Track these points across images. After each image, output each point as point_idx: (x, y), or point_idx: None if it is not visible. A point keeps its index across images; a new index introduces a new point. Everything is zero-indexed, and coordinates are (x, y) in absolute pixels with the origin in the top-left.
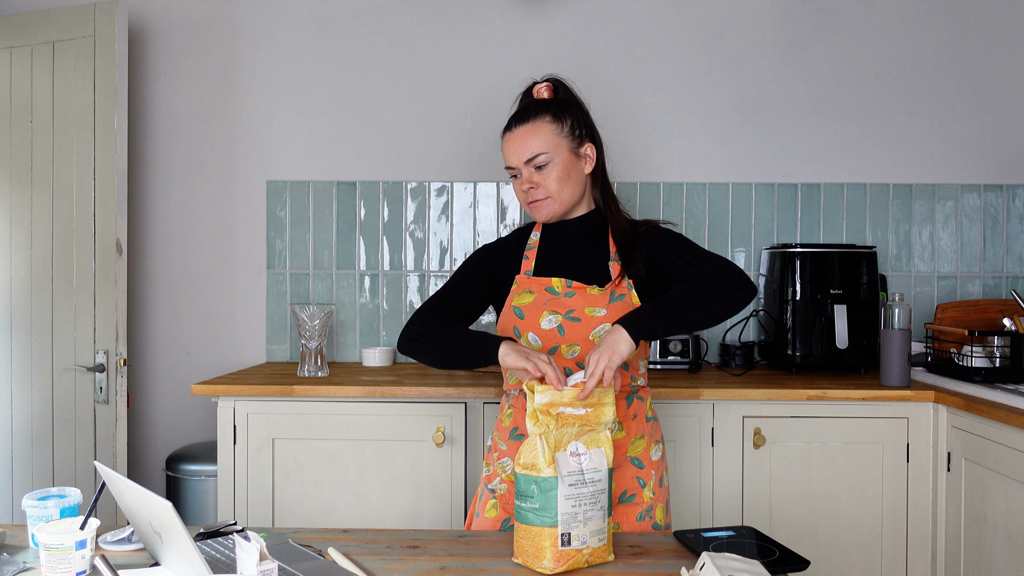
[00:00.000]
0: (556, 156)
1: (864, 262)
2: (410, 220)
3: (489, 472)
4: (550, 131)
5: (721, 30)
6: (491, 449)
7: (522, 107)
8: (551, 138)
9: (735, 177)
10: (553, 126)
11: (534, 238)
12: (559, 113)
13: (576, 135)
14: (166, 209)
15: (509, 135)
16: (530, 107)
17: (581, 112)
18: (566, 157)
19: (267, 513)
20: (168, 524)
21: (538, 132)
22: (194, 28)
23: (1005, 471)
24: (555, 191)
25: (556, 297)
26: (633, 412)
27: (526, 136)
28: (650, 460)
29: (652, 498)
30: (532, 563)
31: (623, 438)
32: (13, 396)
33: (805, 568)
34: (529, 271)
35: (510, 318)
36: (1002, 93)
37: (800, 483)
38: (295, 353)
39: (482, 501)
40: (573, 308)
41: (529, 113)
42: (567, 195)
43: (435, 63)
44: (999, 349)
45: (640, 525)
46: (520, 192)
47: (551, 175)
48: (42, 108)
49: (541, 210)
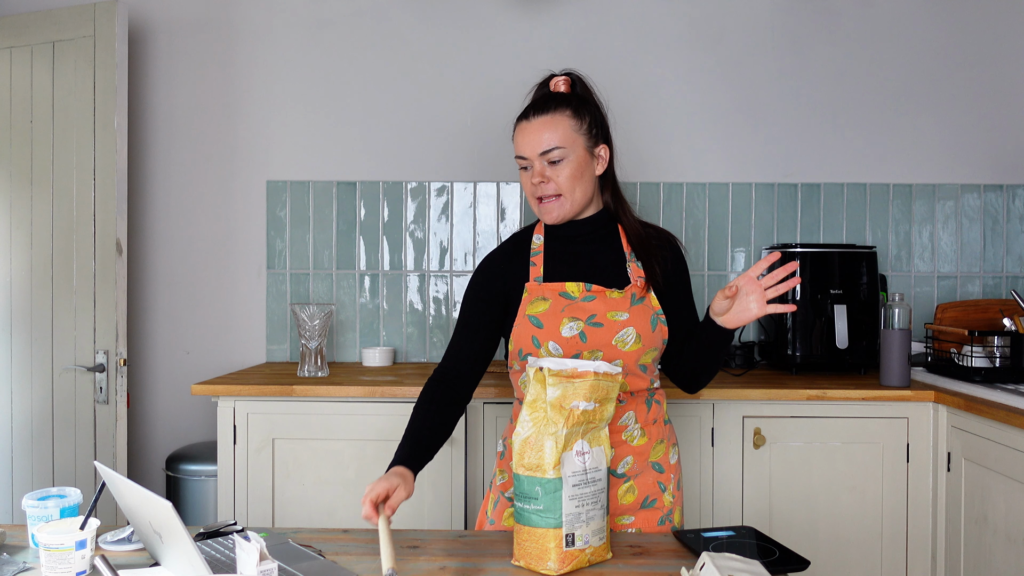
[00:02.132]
0: (572, 152)
1: (864, 262)
2: (410, 220)
3: (504, 480)
4: (569, 126)
5: (721, 30)
6: (504, 455)
7: (541, 97)
8: (569, 133)
9: (735, 177)
10: (572, 121)
11: (537, 242)
12: (579, 109)
13: (593, 134)
14: (166, 209)
15: (525, 124)
16: (550, 98)
17: (599, 112)
18: (581, 155)
19: (267, 513)
20: (168, 524)
21: (556, 125)
22: (194, 28)
23: (1005, 471)
24: (567, 189)
25: (574, 302)
26: (653, 417)
27: (544, 127)
28: (669, 464)
29: (672, 502)
30: (536, 565)
31: (645, 444)
32: (13, 396)
33: (805, 568)
34: (539, 277)
35: (526, 328)
36: (1002, 93)
37: (800, 483)
38: (295, 353)
39: (497, 508)
40: (595, 313)
41: (549, 104)
42: (579, 195)
43: (435, 63)
44: (999, 349)
45: (660, 530)
46: (529, 185)
47: (564, 171)
48: (42, 108)
49: (551, 212)
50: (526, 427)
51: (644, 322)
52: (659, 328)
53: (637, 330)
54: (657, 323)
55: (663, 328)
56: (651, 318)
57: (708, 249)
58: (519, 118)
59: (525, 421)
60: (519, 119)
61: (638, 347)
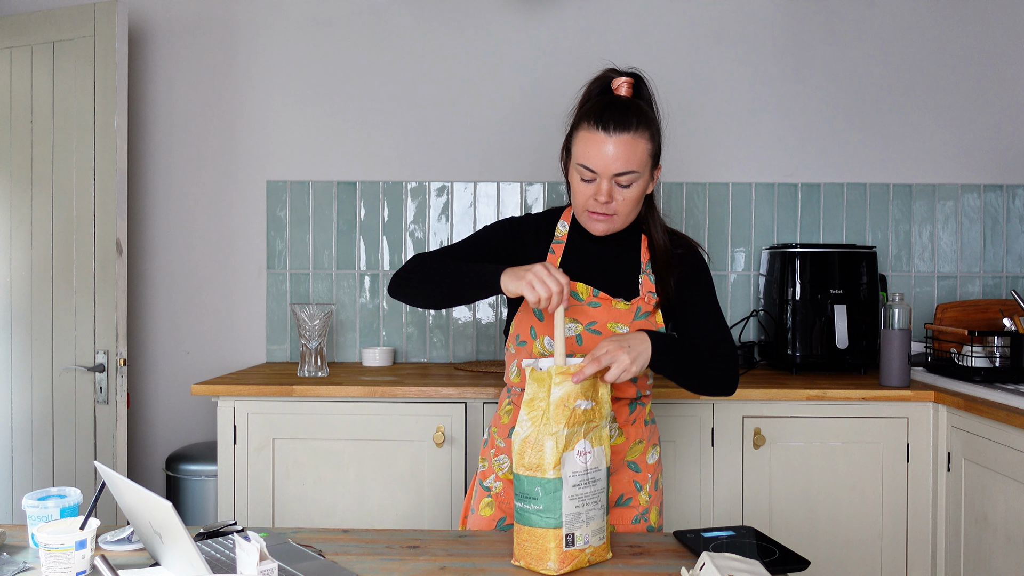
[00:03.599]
0: (641, 177)
1: (864, 262)
2: (410, 220)
3: (485, 468)
4: (645, 150)
5: (721, 30)
6: (487, 444)
7: (620, 108)
8: (644, 158)
9: (735, 177)
10: (649, 145)
11: (562, 230)
12: (655, 133)
13: (655, 158)
14: (166, 209)
15: (603, 137)
16: (630, 113)
17: (660, 129)
18: (645, 179)
19: (267, 513)
20: (168, 524)
21: (635, 148)
22: (194, 28)
23: (1005, 471)
24: (626, 213)
25: (579, 304)
26: (633, 418)
27: (624, 148)
28: (647, 464)
29: (648, 501)
30: (536, 565)
31: (622, 443)
32: (13, 396)
33: (805, 568)
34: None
35: (527, 317)
36: (1002, 93)
37: (800, 483)
38: (295, 353)
39: (477, 498)
40: (596, 320)
41: (630, 121)
42: (632, 216)
43: (435, 63)
44: (999, 349)
45: (635, 528)
46: (586, 196)
47: (631, 195)
48: (42, 108)
49: (600, 226)
50: (525, 427)
51: None
52: None
53: None
54: None
55: None
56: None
57: (708, 249)
58: (590, 123)
59: (524, 421)
60: (590, 124)
61: None
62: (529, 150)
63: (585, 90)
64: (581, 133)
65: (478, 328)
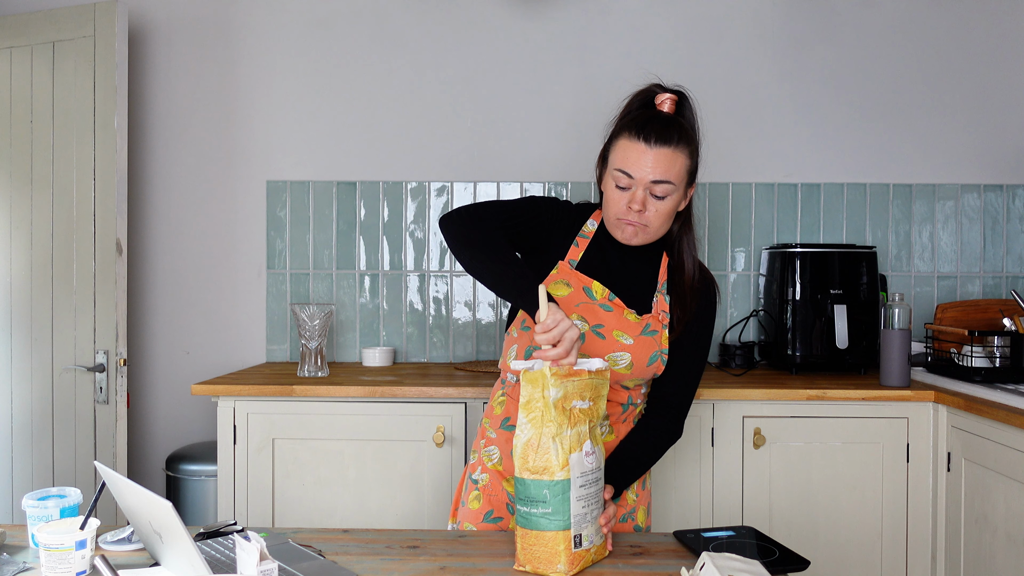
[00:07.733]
0: (676, 191)
1: (864, 262)
2: (410, 220)
3: (475, 460)
4: (684, 166)
5: (721, 30)
6: (477, 435)
7: (663, 122)
8: (682, 173)
9: (735, 177)
10: (688, 162)
11: (590, 227)
12: (695, 151)
13: (692, 176)
14: (166, 209)
15: (643, 147)
16: (673, 127)
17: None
18: (679, 194)
19: (267, 513)
20: (168, 524)
21: (675, 162)
22: (194, 28)
23: (1005, 471)
24: (657, 225)
25: (591, 303)
26: (624, 416)
27: (663, 159)
28: None
29: (635, 500)
30: (545, 569)
31: (612, 441)
32: (13, 396)
33: (805, 568)
34: (574, 261)
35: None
36: (1002, 93)
37: (800, 483)
38: (295, 353)
39: (467, 491)
40: (603, 323)
41: (672, 136)
42: (662, 230)
43: (435, 63)
44: (999, 349)
45: (622, 527)
46: (619, 204)
47: (664, 208)
48: (42, 108)
49: (628, 235)
50: (526, 430)
51: (644, 355)
52: (656, 365)
53: (633, 358)
54: (656, 360)
55: (660, 366)
56: (653, 353)
57: (708, 249)
58: (631, 132)
59: (523, 424)
60: (631, 134)
61: (628, 372)
62: (529, 150)
63: (627, 102)
64: (621, 142)
65: (478, 328)
